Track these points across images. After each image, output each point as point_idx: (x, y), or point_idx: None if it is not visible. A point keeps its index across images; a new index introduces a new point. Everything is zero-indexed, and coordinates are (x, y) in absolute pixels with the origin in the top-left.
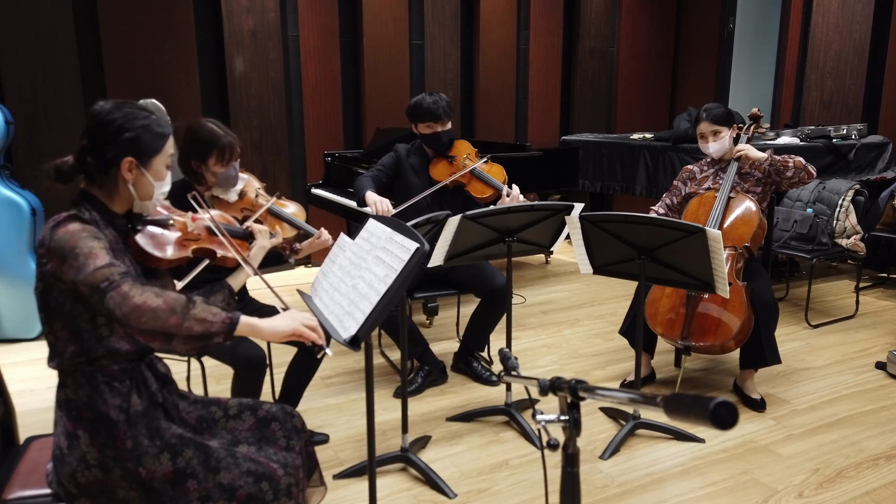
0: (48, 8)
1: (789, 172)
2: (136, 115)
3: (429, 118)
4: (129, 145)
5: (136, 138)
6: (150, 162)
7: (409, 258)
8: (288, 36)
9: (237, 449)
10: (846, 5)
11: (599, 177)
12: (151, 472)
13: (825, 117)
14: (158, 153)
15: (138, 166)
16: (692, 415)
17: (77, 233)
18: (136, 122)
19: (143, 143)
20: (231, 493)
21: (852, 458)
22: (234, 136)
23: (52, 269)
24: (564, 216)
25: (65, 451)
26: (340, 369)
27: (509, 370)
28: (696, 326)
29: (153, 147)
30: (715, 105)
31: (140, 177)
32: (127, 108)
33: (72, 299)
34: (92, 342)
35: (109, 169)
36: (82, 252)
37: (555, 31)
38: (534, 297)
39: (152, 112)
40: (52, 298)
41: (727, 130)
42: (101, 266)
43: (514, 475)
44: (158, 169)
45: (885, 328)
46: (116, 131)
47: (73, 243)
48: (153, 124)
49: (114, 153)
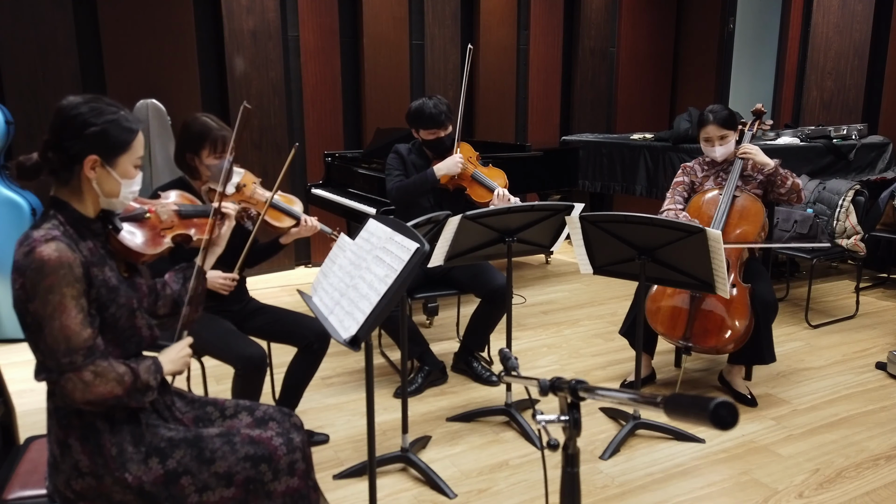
0: (48, 8)
1: (783, 189)
2: (102, 110)
3: (432, 125)
4: (94, 141)
5: (101, 133)
6: (117, 160)
7: (410, 258)
8: (288, 36)
9: (237, 429)
10: (846, 5)
11: (599, 177)
12: (139, 479)
13: (825, 117)
14: (125, 150)
15: (103, 164)
16: (692, 415)
17: (54, 268)
18: (102, 116)
19: (109, 139)
20: (228, 479)
21: (852, 458)
22: (227, 129)
23: (22, 296)
24: (564, 216)
25: (58, 459)
26: (340, 369)
27: (509, 370)
28: (699, 328)
29: (119, 143)
30: (720, 107)
31: (105, 175)
32: (95, 102)
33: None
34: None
35: (73, 166)
36: (52, 301)
37: (555, 31)
38: (534, 297)
39: (121, 108)
40: (30, 315)
41: (733, 134)
42: (68, 330)
43: (514, 475)
44: (125, 168)
45: (886, 328)
46: (81, 126)
47: (49, 282)
48: (121, 119)
49: (77, 149)
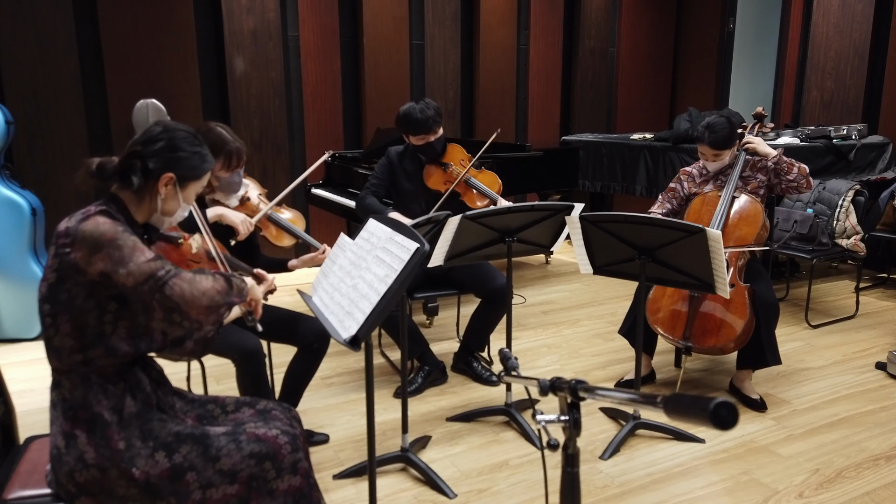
0: (48, 8)
1: (791, 175)
2: (191, 141)
3: (420, 131)
4: (176, 163)
5: (184, 159)
6: (187, 185)
7: (410, 258)
8: (288, 36)
9: (243, 428)
10: (846, 5)
11: (599, 177)
12: (146, 473)
13: (825, 117)
14: (197, 180)
15: (175, 184)
16: (692, 415)
17: (114, 225)
18: (189, 146)
19: (188, 166)
20: (232, 477)
21: (852, 458)
22: (241, 143)
23: (76, 260)
24: (564, 216)
25: (62, 451)
26: (340, 369)
27: (509, 370)
28: (699, 328)
29: (195, 173)
30: (720, 124)
31: (172, 194)
32: (183, 131)
33: (84, 294)
34: (93, 338)
35: (149, 178)
36: (126, 244)
37: (555, 31)
38: (534, 297)
39: (204, 143)
40: (64, 290)
41: (728, 151)
42: (151, 259)
43: (514, 475)
44: (189, 194)
45: (886, 328)
46: (170, 148)
47: (113, 235)
48: (203, 153)
49: (159, 165)
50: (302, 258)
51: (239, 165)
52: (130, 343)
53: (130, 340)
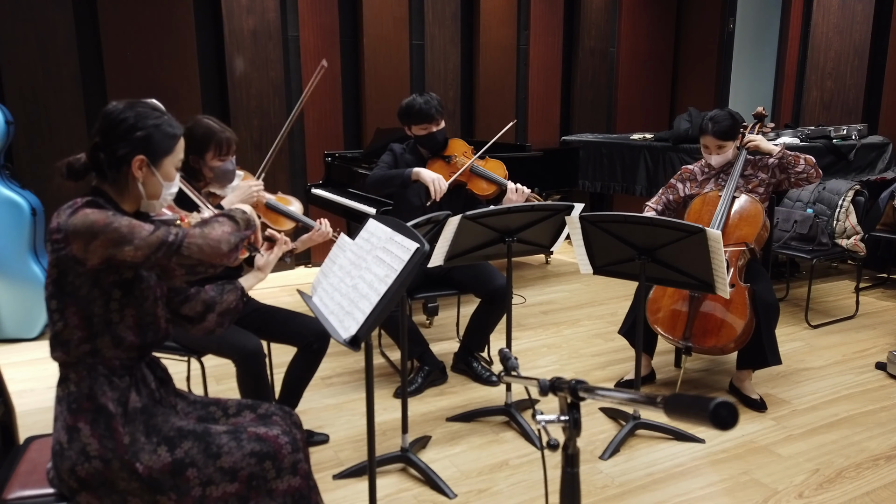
0: (48, 8)
1: (799, 167)
2: (148, 115)
3: (423, 120)
4: (141, 144)
5: (147, 137)
6: (161, 162)
7: (410, 258)
8: (288, 36)
9: (244, 427)
10: (846, 5)
11: (599, 177)
12: (148, 468)
13: (825, 118)
14: (169, 154)
15: (149, 165)
16: (692, 415)
17: (103, 212)
18: (147, 121)
19: (154, 143)
20: (232, 475)
21: (852, 458)
22: (230, 131)
23: (72, 253)
24: (564, 216)
25: (64, 446)
26: (340, 369)
27: (509, 370)
28: (699, 328)
29: (164, 147)
30: (723, 116)
31: (150, 176)
32: (139, 107)
33: (88, 283)
34: (100, 327)
35: (121, 166)
36: (122, 224)
37: (555, 31)
38: (534, 298)
39: (164, 112)
40: (68, 283)
41: (732, 143)
42: (154, 229)
43: (514, 475)
44: (168, 170)
45: (886, 328)
46: (128, 129)
47: (105, 220)
48: (164, 124)
49: (125, 151)
50: (301, 238)
51: (230, 153)
52: (137, 332)
53: (137, 329)
